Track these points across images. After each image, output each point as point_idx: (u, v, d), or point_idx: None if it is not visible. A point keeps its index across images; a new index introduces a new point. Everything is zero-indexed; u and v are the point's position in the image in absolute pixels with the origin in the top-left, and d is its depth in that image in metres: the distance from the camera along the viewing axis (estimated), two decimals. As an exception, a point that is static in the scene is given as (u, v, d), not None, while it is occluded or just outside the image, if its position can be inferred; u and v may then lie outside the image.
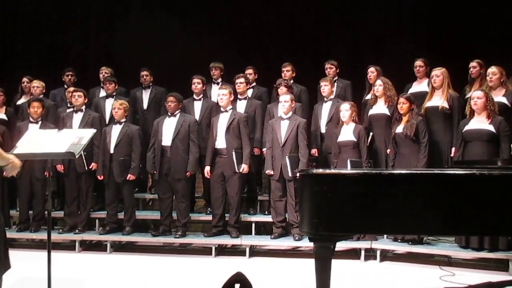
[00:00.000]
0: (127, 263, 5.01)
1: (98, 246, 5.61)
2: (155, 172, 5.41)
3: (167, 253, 5.40)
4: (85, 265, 4.95)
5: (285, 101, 5.26)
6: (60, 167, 5.56)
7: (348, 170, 4.50)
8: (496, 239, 4.46)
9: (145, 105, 6.31)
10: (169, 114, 5.43)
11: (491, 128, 4.54)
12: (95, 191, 5.88)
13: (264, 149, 5.56)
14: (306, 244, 5.02)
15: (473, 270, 4.56)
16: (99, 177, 5.51)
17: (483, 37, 6.67)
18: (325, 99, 5.61)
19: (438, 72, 5.08)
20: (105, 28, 8.00)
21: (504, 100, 4.89)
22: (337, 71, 6.03)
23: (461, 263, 4.79)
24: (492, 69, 4.97)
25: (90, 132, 3.70)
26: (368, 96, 5.66)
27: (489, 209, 2.38)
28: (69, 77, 6.46)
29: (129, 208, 5.53)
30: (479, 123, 4.61)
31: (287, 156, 5.11)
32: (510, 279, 3.83)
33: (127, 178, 5.38)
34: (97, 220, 5.80)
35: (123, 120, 5.51)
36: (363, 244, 4.96)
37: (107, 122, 5.91)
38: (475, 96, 4.65)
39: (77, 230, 5.54)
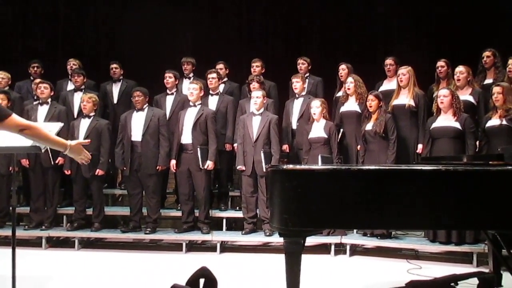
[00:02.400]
0: (96, 260, 4.92)
1: (65, 243, 5.50)
2: (125, 168, 5.33)
3: (137, 249, 5.33)
4: (52, 262, 4.84)
5: (257, 97, 5.25)
6: (25, 162, 5.40)
7: (318, 166, 4.54)
8: (463, 233, 4.59)
9: (115, 99, 6.20)
10: (136, 108, 5.35)
11: (457, 125, 4.66)
12: (63, 187, 5.76)
13: (235, 145, 5.55)
14: (276, 239, 5.04)
15: (440, 263, 4.68)
16: (66, 172, 5.39)
17: (450, 36, 6.85)
18: (297, 95, 5.64)
19: (405, 71, 5.18)
20: (74, 18, 7.80)
21: (470, 98, 5.03)
22: (309, 67, 6.06)
23: (428, 257, 4.92)
24: (460, 69, 5.09)
25: (56, 126, 3.59)
26: (339, 93, 5.72)
27: (454, 204, 2.44)
28: (35, 68, 6.27)
29: (98, 204, 5.43)
30: (446, 120, 4.73)
31: (261, 151, 5.11)
32: (474, 271, 3.94)
33: (96, 174, 5.28)
34: (64, 216, 5.67)
35: (92, 114, 5.40)
36: (333, 239, 5.02)
37: (75, 116, 5.77)
38: (442, 94, 4.76)
39: (43, 227, 5.40)
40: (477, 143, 4.78)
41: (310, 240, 4.77)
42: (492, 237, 3.52)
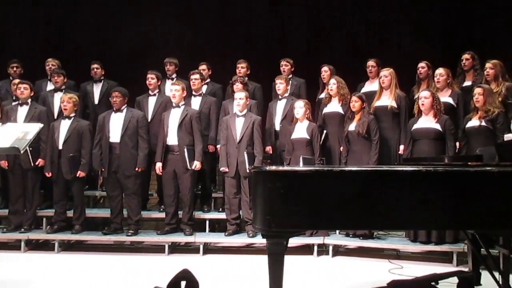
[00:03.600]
0: (76, 263, 4.85)
1: (45, 246, 5.41)
2: (103, 169, 5.26)
3: (118, 252, 5.27)
4: (31, 265, 4.75)
5: (240, 98, 5.25)
6: (4, 163, 5.30)
7: (301, 167, 4.56)
8: (442, 232, 4.65)
9: (96, 100, 6.13)
10: (115, 109, 5.29)
11: (438, 126, 4.73)
12: (43, 188, 5.66)
13: (218, 146, 5.53)
14: (260, 240, 5.04)
15: (420, 262, 4.74)
16: (47, 174, 5.31)
17: (430, 39, 6.95)
18: (280, 96, 5.65)
19: (386, 73, 5.25)
20: (54, 17, 7.68)
21: (450, 100, 5.11)
22: (292, 69, 6.08)
23: (409, 256, 4.97)
24: (439, 71, 5.18)
25: (36, 127, 3.56)
26: (322, 95, 5.75)
27: (436, 204, 2.47)
28: (15, 69, 6.15)
29: (79, 206, 5.36)
30: (427, 122, 4.80)
31: (245, 152, 5.10)
32: (454, 271, 3.99)
33: (77, 175, 5.21)
34: (44, 219, 5.57)
35: (73, 115, 5.33)
36: (315, 240, 5.05)
37: (55, 117, 5.69)
38: (423, 96, 4.82)
39: (22, 229, 5.30)
40: (457, 144, 4.85)
41: (293, 241, 4.78)
42: (471, 237, 3.58)
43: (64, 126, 5.28)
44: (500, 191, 2.44)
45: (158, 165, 5.25)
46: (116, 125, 5.24)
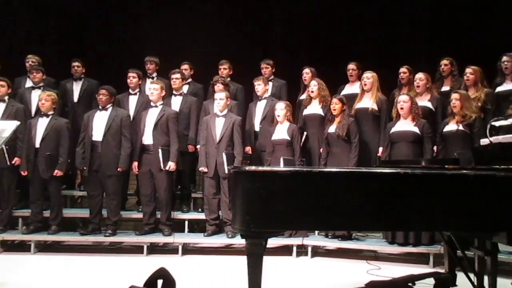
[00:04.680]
0: (53, 264, 4.77)
1: (21, 247, 5.29)
2: (84, 168, 5.19)
3: (96, 252, 5.21)
4: (6, 267, 4.63)
5: (220, 99, 5.24)
6: (-22, 162, 5.18)
7: (280, 167, 4.57)
8: (419, 234, 4.72)
9: (75, 98, 6.03)
10: (100, 107, 5.23)
11: (416, 130, 4.80)
12: (18, 188, 5.53)
13: (198, 146, 5.51)
14: (239, 241, 5.04)
15: (398, 263, 4.81)
16: (22, 173, 5.21)
17: (410, 44, 7.06)
18: (260, 97, 5.66)
19: (369, 75, 5.31)
20: (33, 12, 7.53)
21: (429, 104, 5.19)
22: (273, 70, 6.10)
23: (387, 257, 5.04)
24: (419, 75, 5.26)
25: (13, 125, 3.49)
26: (303, 96, 5.78)
27: (412, 206, 2.50)
28: (-8, 65, 6.03)
29: (56, 205, 5.27)
30: (405, 125, 4.86)
31: (224, 153, 5.10)
32: (430, 272, 4.05)
33: (54, 174, 5.13)
34: (20, 219, 5.45)
35: (51, 112, 5.25)
36: (295, 241, 5.07)
37: (32, 115, 5.58)
38: (401, 100, 4.90)
39: (-3, 230, 5.19)
40: (435, 147, 4.94)
41: (272, 242, 4.79)
42: (447, 238, 3.64)
43: (42, 124, 5.19)
44: (475, 194, 2.48)
45: (134, 163, 5.22)
46: (99, 123, 5.18)
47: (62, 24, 7.43)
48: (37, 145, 5.15)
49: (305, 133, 5.51)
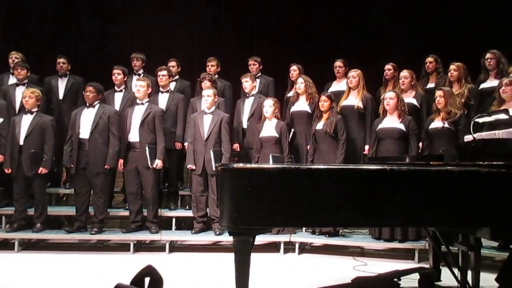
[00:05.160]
0: (38, 262, 4.71)
1: (4, 245, 5.21)
2: (72, 166, 5.14)
3: (82, 250, 5.16)
4: (-11, 265, 4.59)
5: (208, 96, 5.23)
6: (-39, 160, 5.10)
7: (269, 164, 4.58)
8: (405, 230, 4.77)
9: (60, 95, 5.96)
10: (87, 105, 5.18)
11: (402, 127, 4.85)
12: (2, 186, 5.47)
13: (185, 143, 5.49)
14: (226, 238, 5.04)
15: (384, 259, 4.85)
16: (6, 170, 5.13)
17: (397, 41, 7.12)
18: (248, 94, 5.66)
19: (354, 74, 5.35)
20: (17, 10, 7.42)
21: (414, 101, 5.25)
22: (260, 67, 6.10)
23: (373, 253, 5.08)
24: (404, 73, 5.31)
25: (-4, 121, 3.43)
26: (290, 93, 5.79)
27: (398, 202, 2.53)
28: (-26, 62, 5.93)
29: (40, 203, 5.20)
30: (391, 122, 4.91)
31: (211, 150, 5.08)
32: (415, 267, 4.11)
33: (39, 172, 5.06)
34: (3, 217, 5.39)
35: (35, 109, 5.18)
36: (282, 238, 5.08)
37: (16, 112, 5.51)
38: (388, 97, 4.93)
39: (-20, 228, 5.13)
40: (420, 144, 4.99)
41: (260, 239, 4.80)
42: (432, 234, 3.69)
43: (26, 121, 5.13)
44: (459, 190, 2.52)
45: (120, 161, 5.18)
46: (86, 121, 5.13)
47: (46, 20, 7.33)
48: (21, 142, 5.09)
49: (292, 130, 5.52)
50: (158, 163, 5.10)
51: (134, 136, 5.16)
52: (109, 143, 5.13)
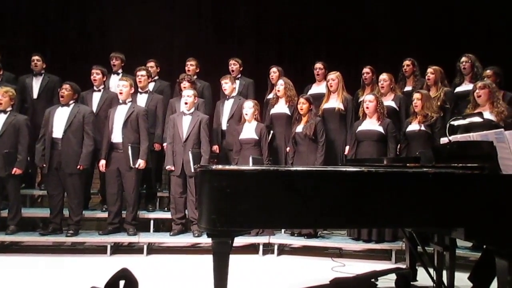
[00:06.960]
0: (11, 265, 4.60)
1: (-24, 248, 5.10)
2: (44, 165, 5.03)
3: (57, 253, 5.05)
4: (-41, 268, 4.46)
5: (188, 96, 5.19)
6: None
7: (248, 166, 4.58)
8: (382, 231, 4.83)
9: (35, 94, 5.84)
10: (61, 104, 5.08)
11: (381, 129, 4.91)
12: (-26, 187, 5.32)
13: (164, 144, 5.45)
14: (205, 240, 5.01)
15: (362, 260, 4.89)
16: (-21, 172, 5.00)
17: (374, 45, 7.21)
18: (227, 96, 5.64)
19: (334, 76, 5.39)
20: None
21: (392, 104, 5.32)
22: (241, 69, 6.09)
23: (351, 254, 5.12)
24: (383, 76, 5.39)
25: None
26: (270, 95, 5.81)
27: (375, 204, 2.55)
28: None
29: (14, 205, 5.08)
30: (370, 124, 4.96)
31: (190, 152, 5.05)
32: (392, 268, 4.16)
33: (13, 173, 4.95)
34: (-24, 219, 5.25)
35: (9, 109, 5.07)
36: (261, 239, 5.08)
37: (-10, 111, 5.36)
38: (367, 99, 4.99)
39: (-49, 230, 4.98)
40: (398, 146, 5.06)
41: (239, 240, 4.79)
42: (408, 234, 3.74)
43: (-1, 121, 5.01)
44: (435, 192, 2.56)
45: (102, 162, 5.10)
46: (60, 120, 5.03)
47: (21, 17, 7.18)
48: (-5, 142, 4.96)
49: (271, 132, 5.53)
50: (141, 163, 5.05)
51: (117, 136, 5.09)
52: (83, 143, 5.04)
